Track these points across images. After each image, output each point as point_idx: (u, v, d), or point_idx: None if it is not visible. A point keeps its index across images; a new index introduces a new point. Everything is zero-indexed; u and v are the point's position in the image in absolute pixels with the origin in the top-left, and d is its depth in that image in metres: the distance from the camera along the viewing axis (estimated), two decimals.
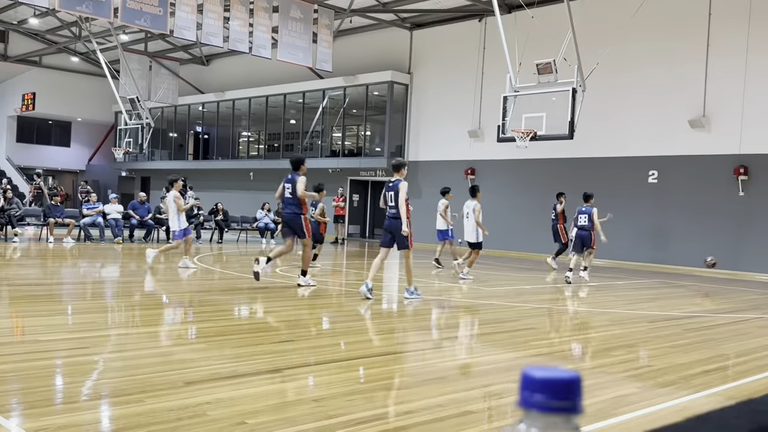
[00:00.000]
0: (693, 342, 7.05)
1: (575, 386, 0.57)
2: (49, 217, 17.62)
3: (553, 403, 0.56)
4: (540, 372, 0.58)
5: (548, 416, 0.56)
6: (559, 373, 0.58)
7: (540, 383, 0.57)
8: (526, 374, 0.59)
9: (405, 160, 9.95)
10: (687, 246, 17.48)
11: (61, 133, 36.88)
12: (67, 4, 15.76)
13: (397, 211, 9.15)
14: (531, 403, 0.57)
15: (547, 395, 0.56)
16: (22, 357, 5.11)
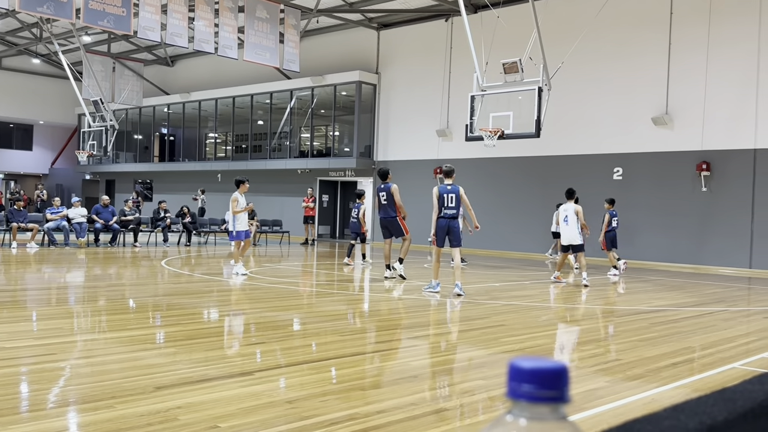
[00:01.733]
0: (660, 335, 7.17)
1: (562, 376, 0.57)
2: (12, 221, 17.25)
3: (541, 392, 0.56)
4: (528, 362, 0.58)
5: (536, 406, 0.56)
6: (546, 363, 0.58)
7: (528, 373, 0.57)
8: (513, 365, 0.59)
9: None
10: (652, 241, 17.77)
11: (23, 137, 36.14)
12: (28, 5, 15.46)
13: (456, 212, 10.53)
14: (519, 393, 0.57)
15: (535, 385, 0.56)
16: None
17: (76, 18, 17.20)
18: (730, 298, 11.12)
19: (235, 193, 12.31)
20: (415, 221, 21.68)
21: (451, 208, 10.15)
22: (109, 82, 27.78)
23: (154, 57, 30.66)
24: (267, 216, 23.76)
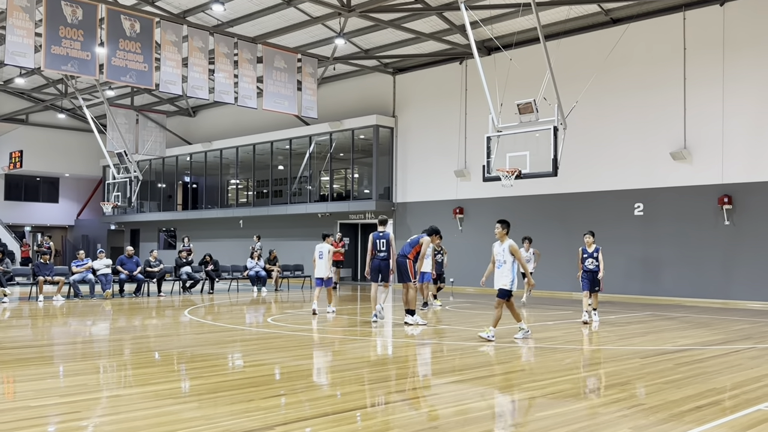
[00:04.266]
0: (685, 377, 7.08)
1: None
2: (38, 275, 17.53)
3: None
4: None
5: None
6: None
7: None
8: None
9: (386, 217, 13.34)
10: (676, 277, 17.58)
11: (49, 189, 36.90)
12: (53, 64, 15.96)
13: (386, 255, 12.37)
14: None
15: None
16: (13, 425, 5.07)
17: (100, 74, 17.70)
18: (758, 335, 10.94)
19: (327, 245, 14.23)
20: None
21: (382, 251, 12.38)
22: (132, 134, 28.40)
23: (176, 108, 31.33)
24: (288, 260, 23.90)
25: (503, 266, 10.06)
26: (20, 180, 35.64)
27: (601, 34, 19.04)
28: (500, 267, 10.09)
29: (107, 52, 16.59)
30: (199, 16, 21.07)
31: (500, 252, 10.19)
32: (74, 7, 15.99)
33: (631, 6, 18.22)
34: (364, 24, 20.66)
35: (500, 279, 10.06)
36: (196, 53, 18.49)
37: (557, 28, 19.29)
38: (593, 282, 12.40)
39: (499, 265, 10.12)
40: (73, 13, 15.97)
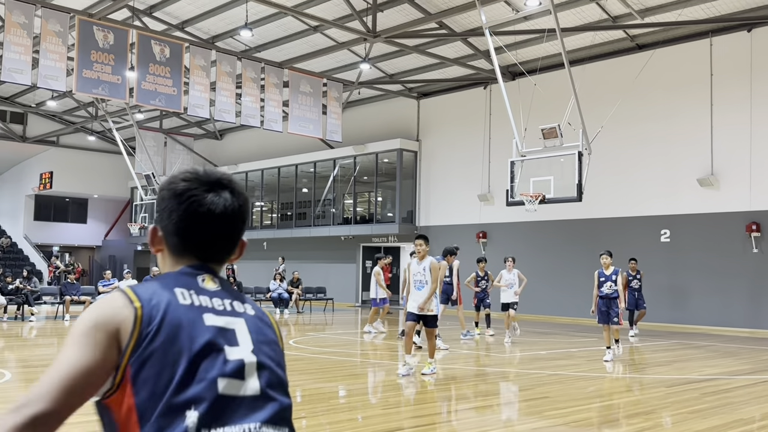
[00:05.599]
0: (711, 407, 6.96)
1: None
2: (65, 295, 17.78)
3: None
4: None
5: None
6: None
7: None
8: None
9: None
10: (704, 305, 17.31)
11: (78, 210, 37.47)
12: (84, 87, 16.32)
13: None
14: None
15: None
16: None
17: (130, 98, 18.05)
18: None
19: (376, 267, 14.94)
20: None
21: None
22: (160, 156, 28.84)
23: (203, 131, 31.78)
24: (311, 283, 23.97)
25: (425, 287, 8.73)
26: (50, 201, 36.25)
27: (627, 59, 19.02)
28: (421, 289, 8.75)
29: (137, 76, 16.93)
30: (227, 41, 21.43)
31: (420, 272, 8.81)
32: (106, 32, 16.37)
33: (657, 32, 18.20)
34: (389, 49, 20.86)
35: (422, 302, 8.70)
36: (224, 77, 18.79)
37: (582, 54, 19.31)
38: (610, 309, 10.85)
39: (420, 286, 8.78)
40: (105, 38, 16.35)
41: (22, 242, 34.86)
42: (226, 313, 1.49)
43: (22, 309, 17.23)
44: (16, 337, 13.59)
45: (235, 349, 1.43)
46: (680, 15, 16.84)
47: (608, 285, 11.01)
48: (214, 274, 1.59)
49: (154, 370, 1.36)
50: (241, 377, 1.41)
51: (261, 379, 1.44)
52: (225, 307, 1.51)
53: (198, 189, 1.59)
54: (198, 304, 1.47)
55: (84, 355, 1.35)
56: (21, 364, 9.69)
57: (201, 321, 1.44)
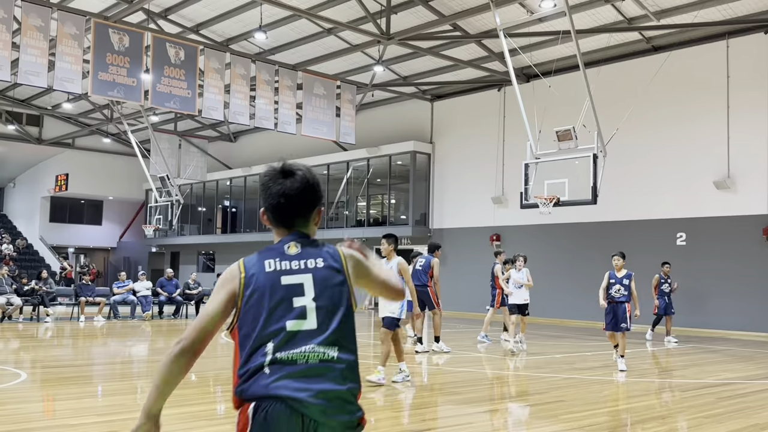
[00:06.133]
0: (727, 411, 6.88)
1: None
2: (81, 296, 17.89)
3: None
4: None
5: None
6: None
7: None
8: None
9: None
10: (721, 309, 17.15)
11: (93, 212, 37.73)
12: (100, 89, 16.42)
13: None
14: None
15: None
16: None
17: (145, 100, 18.15)
18: None
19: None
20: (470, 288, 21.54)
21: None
22: (175, 158, 28.95)
23: (217, 134, 31.90)
24: None
25: None
26: (65, 202, 36.52)
27: (642, 61, 18.89)
28: None
29: (152, 78, 17.02)
30: (241, 44, 21.51)
31: None
32: (121, 35, 16.48)
33: (672, 34, 18.07)
34: (402, 51, 20.85)
35: (387, 305, 8.29)
36: (238, 80, 18.85)
37: (597, 56, 19.21)
38: (616, 315, 9.95)
39: None
40: (120, 40, 16.46)
41: (38, 244, 35.15)
42: (299, 272, 2.18)
43: (37, 310, 17.36)
44: (31, 338, 13.69)
45: (300, 299, 2.14)
46: (696, 16, 16.71)
47: (617, 288, 10.09)
48: (299, 239, 2.27)
49: (249, 317, 2.12)
50: (303, 317, 2.11)
51: (318, 318, 2.12)
52: (300, 266, 2.19)
53: (273, 179, 2.30)
54: (279, 269, 2.20)
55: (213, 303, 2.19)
56: (36, 365, 9.76)
57: (279, 282, 2.17)
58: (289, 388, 2.00)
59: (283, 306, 2.11)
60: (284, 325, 2.08)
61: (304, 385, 2.01)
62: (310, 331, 2.09)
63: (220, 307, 2.18)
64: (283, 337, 2.07)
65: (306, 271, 2.18)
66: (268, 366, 2.04)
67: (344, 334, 2.15)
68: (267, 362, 2.04)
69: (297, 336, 2.07)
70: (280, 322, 2.09)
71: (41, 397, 7.40)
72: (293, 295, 2.13)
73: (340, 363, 2.11)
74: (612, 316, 10.01)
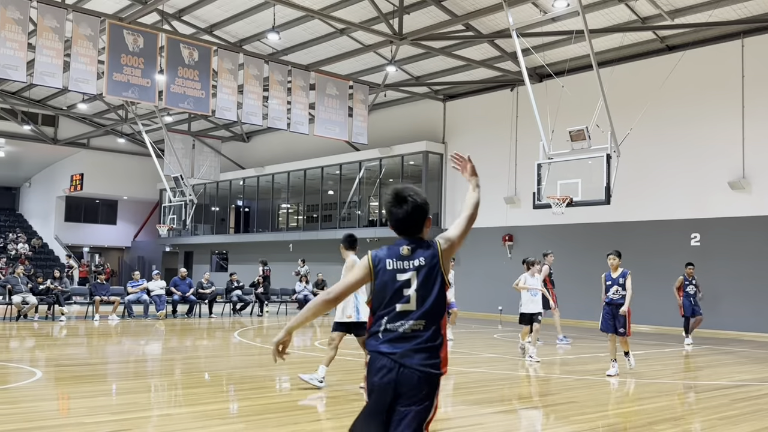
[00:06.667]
0: (741, 413, 6.84)
1: None
2: (95, 295, 18.03)
3: None
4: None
5: None
6: None
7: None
8: None
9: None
10: (735, 310, 17.02)
11: (107, 212, 38.01)
12: (114, 90, 16.55)
13: None
14: None
15: None
16: None
17: (159, 101, 18.26)
18: None
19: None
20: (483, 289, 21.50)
21: None
22: (188, 158, 29.10)
23: (230, 134, 32.05)
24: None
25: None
26: (80, 202, 36.81)
27: (656, 61, 18.78)
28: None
29: (166, 79, 17.12)
30: (254, 44, 21.59)
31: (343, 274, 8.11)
32: (136, 36, 16.59)
33: (687, 33, 17.96)
34: (415, 51, 20.85)
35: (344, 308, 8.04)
36: (251, 80, 18.92)
37: (611, 55, 19.12)
38: (616, 319, 9.52)
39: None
40: (135, 41, 16.57)
41: (53, 243, 35.44)
42: (409, 270, 3.07)
43: (52, 309, 17.51)
44: (46, 337, 13.82)
45: (408, 289, 3.05)
46: (711, 16, 16.59)
47: (615, 289, 9.66)
48: (410, 243, 3.14)
49: (378, 299, 3.08)
50: (408, 302, 3.04)
51: (417, 302, 3.03)
52: (409, 266, 3.08)
53: (393, 204, 3.17)
54: (396, 268, 3.09)
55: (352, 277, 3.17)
56: (51, 363, 9.85)
57: (395, 278, 3.08)
58: (388, 347, 2.98)
59: (397, 294, 3.05)
60: (395, 307, 3.03)
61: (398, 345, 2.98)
62: (411, 311, 3.02)
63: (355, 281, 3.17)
64: (393, 315, 3.03)
65: (413, 269, 3.07)
66: (381, 333, 3.02)
67: (431, 314, 3.03)
68: (381, 330, 3.03)
69: (402, 314, 3.02)
70: (393, 305, 3.04)
71: (56, 395, 7.47)
72: (404, 287, 3.05)
73: (426, 330, 3.01)
74: (611, 318, 9.56)
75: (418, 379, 2.92)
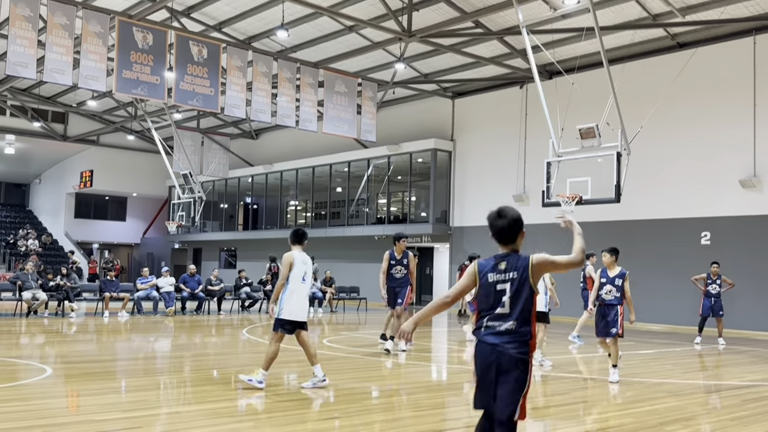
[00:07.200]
0: (753, 414, 6.79)
1: None
2: (105, 291, 18.08)
3: None
4: None
5: None
6: None
7: None
8: None
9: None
10: (746, 309, 16.91)
11: (117, 208, 38.16)
12: (124, 87, 16.57)
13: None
14: None
15: None
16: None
17: (168, 98, 18.29)
18: None
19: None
20: None
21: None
22: (197, 155, 29.17)
23: (239, 131, 32.09)
24: (345, 282, 24.02)
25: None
26: (90, 199, 36.96)
27: (667, 58, 18.66)
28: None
29: (176, 76, 17.14)
30: (263, 42, 21.59)
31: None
32: (145, 33, 16.61)
33: (698, 30, 17.83)
34: (424, 49, 20.80)
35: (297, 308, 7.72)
36: (260, 78, 18.92)
37: (621, 53, 19.01)
38: (606, 319, 8.76)
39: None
40: (144, 39, 16.59)
41: (63, 239, 35.60)
42: (505, 281, 3.83)
43: (62, 305, 17.58)
44: (56, 333, 13.88)
45: (504, 297, 3.80)
46: (723, 13, 16.47)
47: (608, 289, 8.84)
48: (506, 257, 3.90)
49: (481, 302, 3.86)
50: (503, 306, 3.79)
51: (511, 307, 3.79)
52: (505, 278, 3.83)
53: (494, 219, 3.96)
54: (495, 280, 3.84)
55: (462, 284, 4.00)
56: (61, 360, 9.89)
57: (495, 287, 3.84)
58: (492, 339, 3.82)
59: (495, 300, 3.85)
60: (494, 310, 3.84)
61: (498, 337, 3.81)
62: (505, 313, 3.82)
63: (464, 287, 4.01)
64: (493, 316, 3.84)
65: (508, 281, 3.85)
66: (484, 328, 3.86)
67: (522, 316, 3.80)
68: (484, 326, 3.86)
69: (499, 316, 3.83)
70: (493, 308, 3.85)
71: (66, 392, 7.49)
72: (501, 295, 3.84)
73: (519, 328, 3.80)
74: (602, 319, 8.81)
75: (513, 361, 3.76)
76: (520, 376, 3.77)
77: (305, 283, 7.73)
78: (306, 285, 7.75)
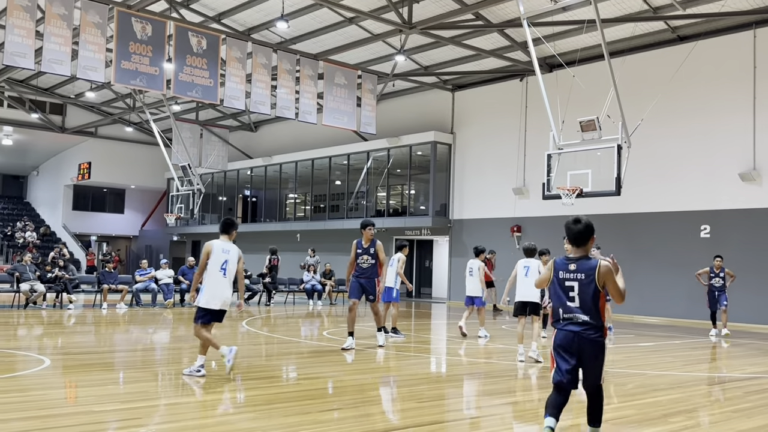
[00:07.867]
0: (755, 406, 6.76)
1: None
2: (103, 283, 18.04)
3: None
4: None
5: None
6: None
7: None
8: None
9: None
10: (745, 302, 16.90)
11: (115, 200, 38.08)
12: (122, 78, 16.49)
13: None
14: None
15: None
16: (76, 429, 5.19)
17: (167, 89, 18.20)
18: None
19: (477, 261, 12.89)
20: None
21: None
22: (196, 147, 29.08)
23: (238, 123, 31.99)
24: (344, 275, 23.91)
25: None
26: (88, 191, 36.87)
27: (668, 51, 18.60)
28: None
29: (174, 67, 17.06)
30: (263, 33, 21.50)
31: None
32: (144, 23, 16.52)
33: (698, 23, 17.77)
34: (424, 41, 20.72)
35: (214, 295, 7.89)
36: (260, 69, 18.84)
37: (622, 45, 18.95)
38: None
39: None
40: (143, 29, 16.50)
41: (61, 231, 35.53)
42: (573, 280, 4.76)
43: (60, 297, 17.53)
44: (55, 325, 13.84)
45: (572, 292, 4.76)
46: (723, 6, 16.41)
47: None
48: (576, 260, 4.78)
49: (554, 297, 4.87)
50: (573, 301, 4.75)
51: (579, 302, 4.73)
52: (574, 277, 4.76)
53: (571, 224, 4.86)
54: (564, 278, 4.80)
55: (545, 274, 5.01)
56: (59, 351, 9.85)
57: (564, 284, 4.80)
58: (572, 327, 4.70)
59: (566, 295, 4.74)
60: (566, 303, 4.74)
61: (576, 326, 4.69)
62: (576, 306, 4.71)
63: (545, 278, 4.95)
64: (566, 308, 4.74)
65: (576, 280, 4.72)
66: (563, 319, 4.73)
67: (590, 308, 4.68)
68: (561, 317, 4.74)
69: (571, 308, 4.72)
70: (565, 302, 4.74)
71: (64, 383, 7.45)
72: (569, 290, 4.73)
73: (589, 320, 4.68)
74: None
75: (592, 344, 4.67)
76: (600, 355, 4.70)
77: (224, 272, 7.83)
78: (225, 274, 7.87)
